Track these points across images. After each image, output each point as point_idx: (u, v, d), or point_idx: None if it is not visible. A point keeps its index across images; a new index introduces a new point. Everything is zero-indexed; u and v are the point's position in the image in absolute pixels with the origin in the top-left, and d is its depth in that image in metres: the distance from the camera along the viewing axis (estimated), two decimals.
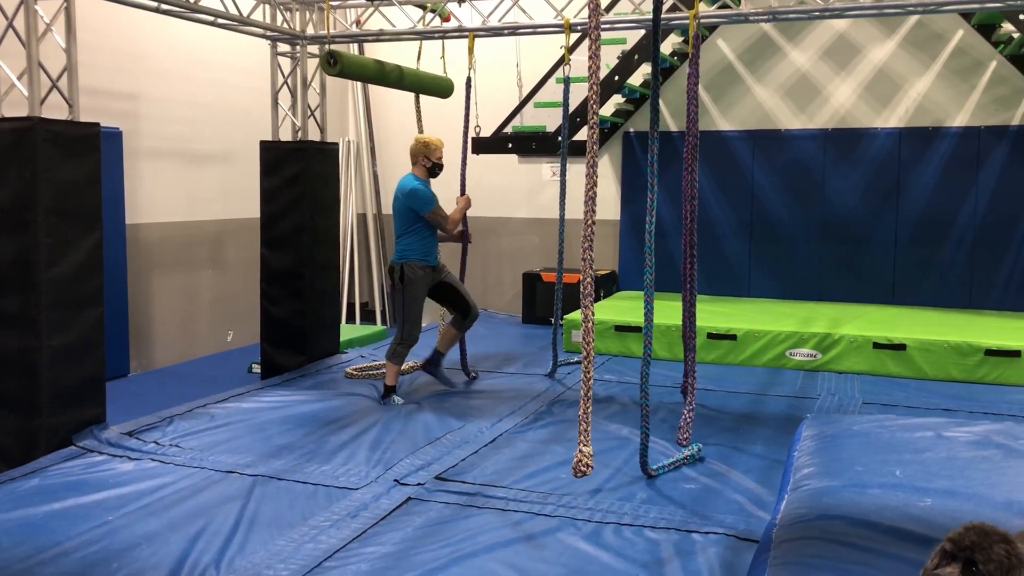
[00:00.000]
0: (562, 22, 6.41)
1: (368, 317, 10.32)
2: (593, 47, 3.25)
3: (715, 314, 7.80)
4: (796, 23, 8.70)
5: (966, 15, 8.00)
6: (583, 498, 4.33)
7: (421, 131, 7.28)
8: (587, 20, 6.52)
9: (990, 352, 6.71)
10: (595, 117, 3.31)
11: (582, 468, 3.44)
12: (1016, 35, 7.63)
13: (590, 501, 4.30)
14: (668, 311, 7.29)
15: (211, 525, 4.01)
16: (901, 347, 6.97)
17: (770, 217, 9.03)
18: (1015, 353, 6.66)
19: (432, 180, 6.24)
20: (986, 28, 8.09)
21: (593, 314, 3.32)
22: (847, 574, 2.01)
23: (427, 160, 6.13)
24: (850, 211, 8.77)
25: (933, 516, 2.04)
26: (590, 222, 3.33)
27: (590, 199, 3.33)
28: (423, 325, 6.43)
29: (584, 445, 3.43)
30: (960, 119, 8.48)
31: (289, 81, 7.22)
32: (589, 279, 3.35)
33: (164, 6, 5.82)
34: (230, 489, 4.47)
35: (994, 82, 8.35)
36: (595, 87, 3.27)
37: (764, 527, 3.94)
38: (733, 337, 7.40)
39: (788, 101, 9.01)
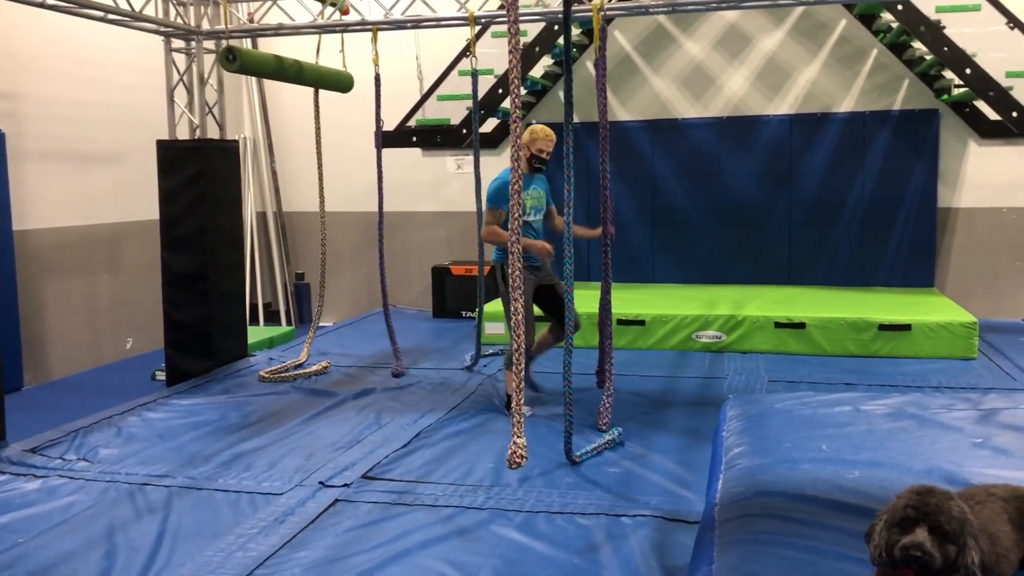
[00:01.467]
0: (466, 15, 6.40)
1: (272, 318, 10.10)
2: (513, 41, 3.27)
3: (623, 300, 7.93)
4: (689, 14, 8.92)
5: (849, 5, 8.35)
6: (511, 489, 4.37)
7: (318, 127, 7.16)
8: (491, 13, 6.56)
9: (883, 327, 7.06)
10: (517, 111, 3.33)
11: (516, 459, 3.46)
12: (895, 24, 8.01)
13: (519, 491, 4.33)
14: (576, 299, 7.40)
15: (131, 540, 3.87)
16: (801, 326, 7.26)
17: (671, 204, 9.25)
18: (906, 327, 7.02)
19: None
20: (867, 18, 8.47)
21: (523, 306, 3.34)
22: (792, 547, 2.09)
23: (527, 150, 5.64)
24: (746, 196, 9.06)
25: (863, 487, 2.14)
26: (517, 215, 3.35)
27: (516, 192, 3.34)
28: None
29: (518, 436, 3.46)
30: (846, 105, 8.86)
31: (185, 78, 6.98)
32: (518, 272, 3.37)
33: (51, 1, 5.54)
34: (147, 502, 4.33)
35: (876, 69, 8.76)
36: (516, 81, 3.29)
37: (689, 506, 4.09)
38: (642, 323, 7.56)
39: (684, 91, 9.24)
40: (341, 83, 7.24)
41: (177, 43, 6.95)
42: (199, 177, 6.77)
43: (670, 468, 4.64)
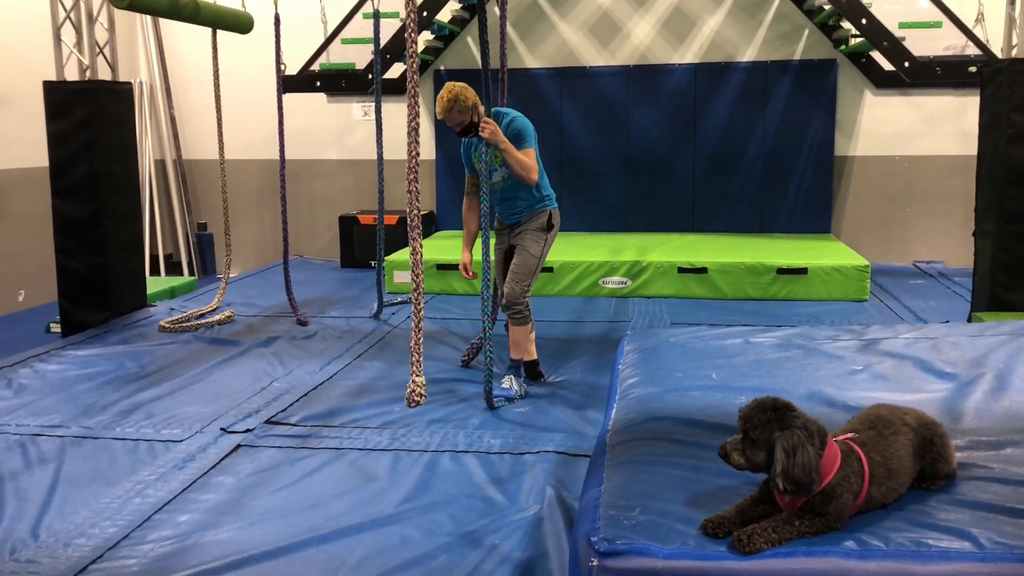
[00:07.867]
0: None
1: (174, 269, 9.83)
2: None
3: None
4: None
5: None
6: (417, 430, 4.39)
7: (216, 70, 6.92)
8: None
9: (781, 271, 7.30)
10: (414, 45, 3.28)
11: (415, 398, 3.47)
12: None
13: (424, 432, 4.36)
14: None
15: (21, 491, 3.76)
16: (703, 270, 7.44)
17: (578, 153, 9.29)
18: (802, 271, 7.27)
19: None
20: None
21: (422, 247, 3.33)
22: (678, 467, 2.17)
23: None
24: (652, 145, 9.17)
25: None
26: (414, 154, 3.32)
27: (413, 130, 3.30)
28: None
29: (416, 375, 3.46)
30: (749, 54, 9.01)
31: (72, 16, 6.65)
32: (416, 212, 3.34)
33: None
34: (39, 452, 4.20)
35: (777, 19, 8.92)
36: (412, 15, 3.23)
37: (590, 442, 4.18)
38: (550, 269, 7.62)
39: (592, 38, 9.24)
40: (240, 23, 7.02)
41: None
42: (91, 120, 6.48)
43: (574, 407, 4.74)
